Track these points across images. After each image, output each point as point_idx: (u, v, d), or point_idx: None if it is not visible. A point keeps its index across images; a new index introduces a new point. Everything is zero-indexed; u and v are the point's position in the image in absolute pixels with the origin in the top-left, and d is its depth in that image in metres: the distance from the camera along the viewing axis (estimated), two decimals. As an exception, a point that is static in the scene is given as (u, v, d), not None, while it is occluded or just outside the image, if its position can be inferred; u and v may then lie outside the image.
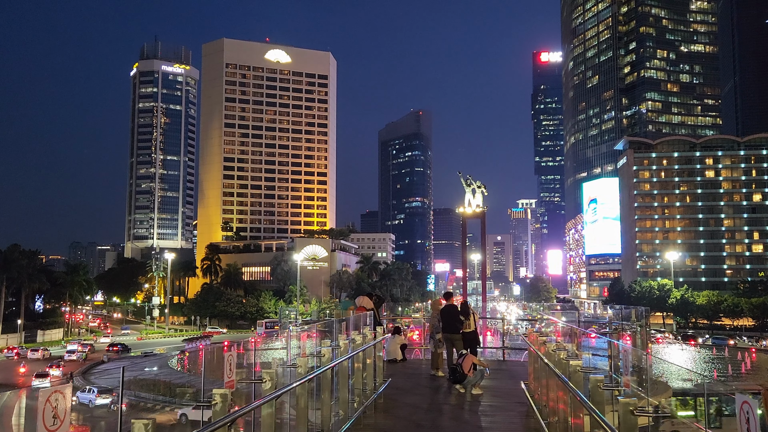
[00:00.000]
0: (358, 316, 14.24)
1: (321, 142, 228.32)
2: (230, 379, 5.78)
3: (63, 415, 3.45)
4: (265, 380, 6.32)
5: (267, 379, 6.34)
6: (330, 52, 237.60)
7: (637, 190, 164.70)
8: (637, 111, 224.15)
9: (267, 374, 6.37)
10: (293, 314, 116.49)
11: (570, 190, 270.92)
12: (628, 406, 6.21)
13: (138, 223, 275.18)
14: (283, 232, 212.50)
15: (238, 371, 6.63)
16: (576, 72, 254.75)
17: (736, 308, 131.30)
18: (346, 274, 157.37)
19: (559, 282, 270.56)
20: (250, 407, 5.28)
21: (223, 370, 5.84)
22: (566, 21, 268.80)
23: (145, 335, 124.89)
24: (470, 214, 60.54)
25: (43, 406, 3.31)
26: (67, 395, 3.41)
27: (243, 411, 5.06)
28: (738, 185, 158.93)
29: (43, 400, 3.30)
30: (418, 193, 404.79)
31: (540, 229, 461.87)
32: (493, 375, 18.08)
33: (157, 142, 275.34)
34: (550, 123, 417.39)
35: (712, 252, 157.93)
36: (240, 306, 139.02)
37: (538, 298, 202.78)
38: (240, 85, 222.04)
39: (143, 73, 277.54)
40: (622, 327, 26.32)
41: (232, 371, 5.87)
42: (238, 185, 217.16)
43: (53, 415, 3.40)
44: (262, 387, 6.29)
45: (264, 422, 6.07)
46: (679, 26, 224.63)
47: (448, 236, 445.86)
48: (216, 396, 5.28)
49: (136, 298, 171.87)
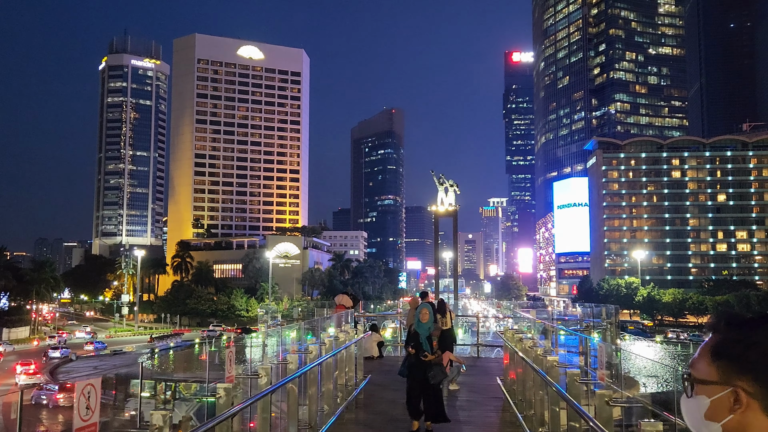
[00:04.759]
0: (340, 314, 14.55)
1: (293, 139, 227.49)
2: (230, 374, 6.04)
3: (95, 405, 3.64)
4: (261, 375, 6.59)
5: (263, 375, 6.61)
6: (303, 49, 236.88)
7: (605, 189, 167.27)
8: (606, 112, 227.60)
9: (263, 369, 6.65)
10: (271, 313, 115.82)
11: (540, 189, 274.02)
12: (603, 397, 6.65)
13: (106, 219, 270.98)
14: (255, 229, 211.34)
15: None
16: (547, 72, 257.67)
17: (701, 306, 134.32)
18: (318, 272, 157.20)
19: (530, 280, 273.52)
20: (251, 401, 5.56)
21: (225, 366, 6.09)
22: (538, 22, 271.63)
23: (114, 333, 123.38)
24: (442, 213, 61.22)
25: (78, 399, 3.55)
26: (98, 387, 3.68)
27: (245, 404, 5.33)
28: (703, 185, 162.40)
29: (78, 393, 3.55)
30: (391, 191, 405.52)
31: (511, 228, 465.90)
32: (468, 371, 18.53)
33: (127, 137, 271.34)
34: (521, 122, 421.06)
35: (678, 251, 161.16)
36: (211, 303, 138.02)
37: (508, 296, 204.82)
38: (212, 81, 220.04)
39: (112, 67, 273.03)
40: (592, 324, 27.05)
41: (232, 366, 6.13)
42: (209, 182, 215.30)
43: (86, 407, 3.58)
44: (258, 382, 6.56)
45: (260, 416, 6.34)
46: (647, 29, 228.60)
47: (420, 234, 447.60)
48: (220, 390, 5.54)
49: (104, 296, 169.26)
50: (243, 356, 9.54)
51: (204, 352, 73.98)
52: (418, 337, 12.21)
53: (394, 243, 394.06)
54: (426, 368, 11.90)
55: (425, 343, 12.08)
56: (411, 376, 12.08)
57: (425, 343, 12.08)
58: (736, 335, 1.78)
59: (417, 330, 12.27)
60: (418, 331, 12.24)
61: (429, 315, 12.37)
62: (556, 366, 9.18)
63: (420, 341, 12.12)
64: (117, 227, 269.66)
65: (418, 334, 12.23)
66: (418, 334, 12.23)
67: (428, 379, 11.79)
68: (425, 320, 12.27)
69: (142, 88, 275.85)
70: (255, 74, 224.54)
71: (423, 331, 12.15)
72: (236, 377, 6.11)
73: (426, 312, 12.35)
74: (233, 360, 6.05)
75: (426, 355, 11.93)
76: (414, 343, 12.24)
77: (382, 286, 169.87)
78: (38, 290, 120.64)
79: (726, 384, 1.72)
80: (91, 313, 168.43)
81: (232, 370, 6.00)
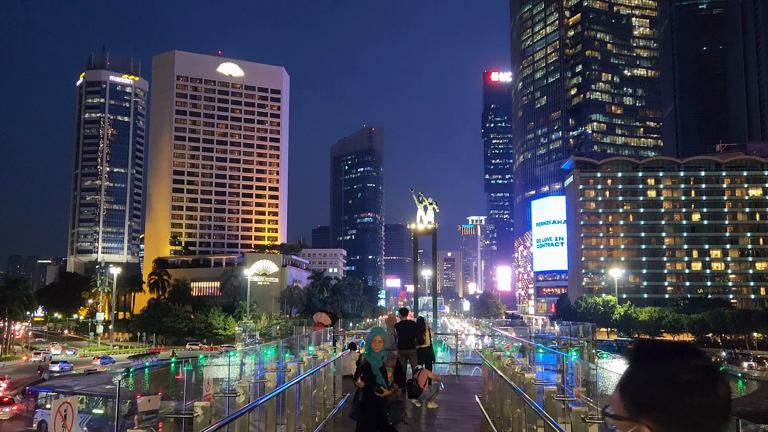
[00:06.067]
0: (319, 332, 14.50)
1: (273, 156, 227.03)
2: (207, 392, 6.01)
3: (71, 424, 3.63)
4: (239, 394, 6.56)
5: (240, 393, 6.59)
6: (283, 67, 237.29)
7: (583, 208, 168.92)
8: (583, 132, 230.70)
9: (240, 388, 6.62)
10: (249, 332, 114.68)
11: (519, 208, 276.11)
12: (579, 414, 6.72)
13: (82, 236, 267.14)
14: (233, 246, 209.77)
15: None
16: (525, 92, 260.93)
17: (677, 324, 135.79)
18: (297, 290, 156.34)
19: (508, 298, 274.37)
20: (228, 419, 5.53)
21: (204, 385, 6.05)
22: (516, 43, 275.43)
23: (88, 352, 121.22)
24: (422, 231, 61.41)
25: (54, 417, 3.64)
26: (74, 405, 3.67)
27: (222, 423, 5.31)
28: (678, 205, 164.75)
29: (55, 410, 3.65)
30: (370, 209, 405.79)
31: (489, 246, 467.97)
32: (447, 389, 18.54)
33: (104, 153, 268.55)
34: (500, 141, 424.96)
35: (654, 269, 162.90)
36: (188, 322, 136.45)
37: (487, 314, 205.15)
38: (191, 98, 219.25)
39: (90, 83, 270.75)
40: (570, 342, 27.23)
41: (210, 385, 6.10)
42: (187, 199, 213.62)
43: (62, 425, 3.57)
44: (236, 400, 6.53)
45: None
46: (622, 51, 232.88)
47: (399, 252, 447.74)
48: (197, 408, 5.51)
49: (79, 314, 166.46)
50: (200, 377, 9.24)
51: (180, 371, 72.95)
52: (369, 368, 10.27)
53: (373, 261, 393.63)
54: (381, 406, 10.07)
55: (379, 376, 10.23)
56: (363, 419, 10.05)
57: (379, 376, 10.23)
58: (638, 369, 1.68)
59: (368, 360, 10.35)
60: (369, 362, 10.31)
61: (383, 342, 10.55)
62: (534, 383, 9.25)
63: (372, 373, 10.21)
64: (93, 244, 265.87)
65: (370, 365, 10.30)
66: (370, 365, 10.30)
67: (385, 419, 10.03)
68: (378, 349, 10.39)
69: (120, 104, 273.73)
70: (235, 91, 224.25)
71: (375, 362, 10.28)
72: (214, 396, 6.08)
73: (379, 339, 10.50)
74: (211, 379, 6.02)
75: (381, 390, 10.08)
76: (365, 375, 10.23)
77: (361, 304, 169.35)
78: (11, 308, 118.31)
79: (633, 420, 1.65)
80: (66, 331, 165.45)
81: (209, 389, 5.98)
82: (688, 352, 1.65)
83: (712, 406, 1.59)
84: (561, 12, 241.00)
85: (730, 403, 1.60)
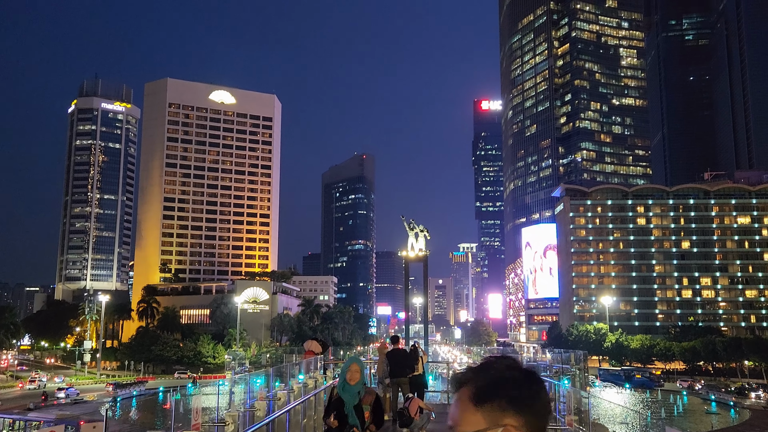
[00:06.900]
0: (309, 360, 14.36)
1: (264, 183, 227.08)
2: (196, 421, 5.94)
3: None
4: (228, 423, 6.48)
5: (230, 422, 6.50)
6: (275, 94, 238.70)
7: (573, 236, 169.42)
8: (572, 160, 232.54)
9: (229, 416, 6.54)
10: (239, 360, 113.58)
11: (510, 235, 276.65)
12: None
13: (71, 263, 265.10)
14: (223, 274, 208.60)
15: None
16: (515, 121, 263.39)
17: (668, 352, 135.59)
18: (287, 317, 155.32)
19: (500, 326, 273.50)
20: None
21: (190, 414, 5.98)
22: (506, 72, 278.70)
23: (75, 381, 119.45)
24: (413, 258, 61.41)
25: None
26: None
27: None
28: (667, 233, 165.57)
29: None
30: (361, 236, 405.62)
31: (481, 273, 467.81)
32: (438, 418, 18.34)
33: (94, 180, 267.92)
34: (490, 169, 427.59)
35: (645, 297, 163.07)
36: (177, 350, 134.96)
37: (478, 341, 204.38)
38: (183, 125, 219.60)
39: (82, 110, 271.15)
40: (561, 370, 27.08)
41: (198, 414, 6.03)
42: (178, 226, 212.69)
43: None
44: (225, 429, 6.44)
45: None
46: (611, 80, 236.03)
47: (390, 279, 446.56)
48: (186, 438, 5.44)
49: (66, 342, 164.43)
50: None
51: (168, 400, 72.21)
52: (342, 405, 8.69)
53: (364, 288, 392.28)
54: None
55: (352, 414, 8.62)
56: None
57: (352, 414, 8.62)
58: (486, 378, 1.91)
59: (341, 395, 8.75)
60: (342, 397, 8.72)
61: (359, 372, 9.00)
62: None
63: (345, 411, 8.64)
64: (81, 272, 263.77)
65: (343, 402, 8.71)
66: (343, 402, 8.71)
67: None
68: (355, 380, 8.81)
69: (112, 131, 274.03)
70: (226, 119, 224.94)
71: (350, 397, 8.71)
72: (202, 425, 6.00)
73: (356, 369, 8.99)
74: (200, 408, 5.95)
75: (354, 431, 8.58)
76: (337, 412, 8.65)
77: (352, 332, 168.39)
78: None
79: (495, 426, 1.84)
80: (52, 360, 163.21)
81: (198, 418, 5.91)
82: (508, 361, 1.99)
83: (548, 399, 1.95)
84: (550, 42, 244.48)
85: None
